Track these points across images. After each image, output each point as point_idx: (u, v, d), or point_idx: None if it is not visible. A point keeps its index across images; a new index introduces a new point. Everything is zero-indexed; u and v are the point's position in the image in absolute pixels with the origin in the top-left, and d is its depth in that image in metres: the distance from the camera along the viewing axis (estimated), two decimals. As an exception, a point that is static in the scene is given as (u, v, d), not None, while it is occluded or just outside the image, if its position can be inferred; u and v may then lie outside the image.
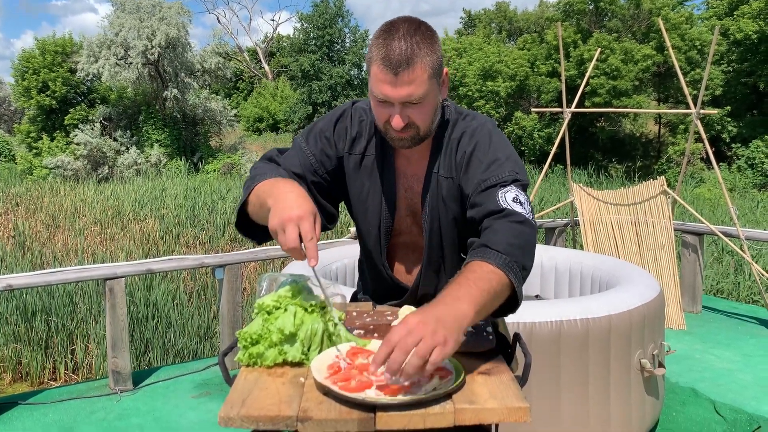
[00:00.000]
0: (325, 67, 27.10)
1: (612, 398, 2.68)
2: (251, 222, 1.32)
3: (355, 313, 1.43)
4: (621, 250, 4.85)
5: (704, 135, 5.11)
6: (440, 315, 0.99)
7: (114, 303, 3.47)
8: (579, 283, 3.63)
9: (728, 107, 19.04)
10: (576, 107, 5.54)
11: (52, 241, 9.25)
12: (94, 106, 21.84)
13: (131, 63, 19.80)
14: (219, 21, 53.25)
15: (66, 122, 20.98)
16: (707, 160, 18.11)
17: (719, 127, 19.17)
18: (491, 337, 1.21)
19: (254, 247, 4.34)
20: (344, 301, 1.30)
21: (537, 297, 3.74)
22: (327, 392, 1.00)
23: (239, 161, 20.29)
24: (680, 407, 3.37)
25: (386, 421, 0.94)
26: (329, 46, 27.81)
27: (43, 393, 3.51)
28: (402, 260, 1.54)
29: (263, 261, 6.44)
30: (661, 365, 2.89)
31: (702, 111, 5.09)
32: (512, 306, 1.17)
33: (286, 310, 1.16)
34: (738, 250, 4.91)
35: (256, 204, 1.26)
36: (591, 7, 21.46)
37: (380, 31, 1.26)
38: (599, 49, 7.55)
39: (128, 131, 20.95)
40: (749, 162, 18.35)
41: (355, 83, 27.80)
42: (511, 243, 1.15)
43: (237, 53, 36.85)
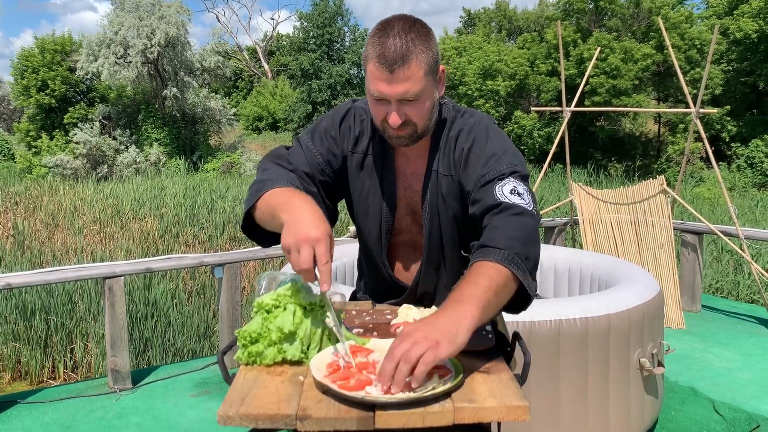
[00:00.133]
0: (325, 66, 27.08)
1: (611, 397, 2.68)
2: (257, 225, 1.31)
3: (355, 312, 1.43)
4: (620, 249, 4.85)
5: (704, 134, 5.11)
6: (436, 319, 1.02)
7: (113, 302, 3.47)
8: (578, 282, 3.63)
9: (728, 106, 19.05)
10: (576, 106, 5.54)
11: (52, 240, 9.24)
12: (94, 105, 21.84)
13: (130, 62, 19.81)
14: (218, 20, 53.30)
15: (65, 121, 20.99)
16: (707, 160, 18.12)
17: (719, 127, 19.17)
18: (490, 336, 1.21)
19: (253, 246, 4.34)
20: (343, 300, 1.30)
21: (536, 296, 3.74)
22: (326, 391, 1.00)
23: (239, 160, 20.30)
24: (679, 406, 3.38)
25: (385, 420, 0.93)
26: (329, 45, 27.78)
27: (43, 392, 3.51)
28: (402, 259, 1.54)
29: (262, 260, 6.44)
30: (661, 364, 2.89)
31: (701, 110, 5.09)
32: (525, 300, 1.18)
33: (286, 309, 1.16)
34: (737, 250, 4.91)
35: (267, 213, 1.24)
36: (591, 6, 21.46)
37: (375, 30, 1.26)
38: (599, 48, 7.55)
39: (127, 130, 20.96)
40: (749, 161, 18.35)
41: (355, 82, 27.77)
42: (511, 236, 1.16)
43: (236, 52, 36.83)
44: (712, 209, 11.93)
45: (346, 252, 3.63)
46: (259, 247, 1.73)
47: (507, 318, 1.43)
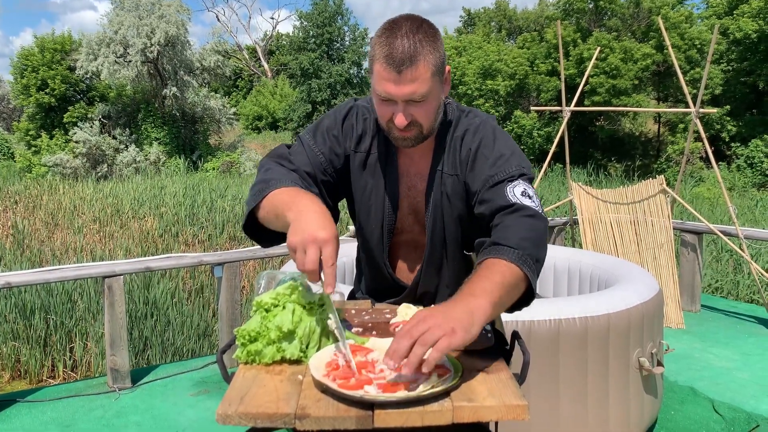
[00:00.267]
0: (325, 66, 27.06)
1: (611, 397, 2.68)
2: (260, 225, 1.30)
3: (354, 311, 1.43)
4: (620, 249, 4.85)
5: (703, 134, 5.11)
6: (450, 308, 1.01)
7: (113, 301, 3.47)
8: (578, 282, 3.63)
9: (728, 106, 19.04)
10: (575, 106, 5.54)
11: (51, 239, 9.24)
12: (93, 104, 21.83)
13: (130, 61, 19.80)
14: (218, 19, 53.34)
15: (65, 120, 20.98)
16: (706, 159, 18.12)
17: (718, 126, 19.17)
18: (490, 335, 1.21)
19: (253, 246, 4.34)
20: (343, 299, 1.30)
21: (536, 295, 3.74)
22: (325, 390, 1.00)
23: (238, 159, 20.29)
24: (679, 406, 3.38)
25: (384, 419, 0.93)
26: (329, 45, 27.76)
27: (42, 391, 3.51)
28: (403, 258, 1.53)
29: (262, 259, 6.44)
30: (660, 364, 2.89)
31: (701, 110, 5.09)
32: (527, 299, 1.19)
33: (285, 308, 1.15)
34: (737, 249, 4.91)
35: (271, 212, 1.23)
36: (591, 6, 21.46)
37: (383, 30, 1.26)
38: (599, 48, 7.55)
39: (127, 129, 20.95)
40: (748, 161, 18.35)
41: (355, 82, 27.76)
42: (523, 237, 1.16)
43: (236, 51, 36.82)
44: (712, 209, 11.93)
45: (346, 251, 3.62)
46: (259, 247, 1.72)
47: (507, 317, 1.44)
